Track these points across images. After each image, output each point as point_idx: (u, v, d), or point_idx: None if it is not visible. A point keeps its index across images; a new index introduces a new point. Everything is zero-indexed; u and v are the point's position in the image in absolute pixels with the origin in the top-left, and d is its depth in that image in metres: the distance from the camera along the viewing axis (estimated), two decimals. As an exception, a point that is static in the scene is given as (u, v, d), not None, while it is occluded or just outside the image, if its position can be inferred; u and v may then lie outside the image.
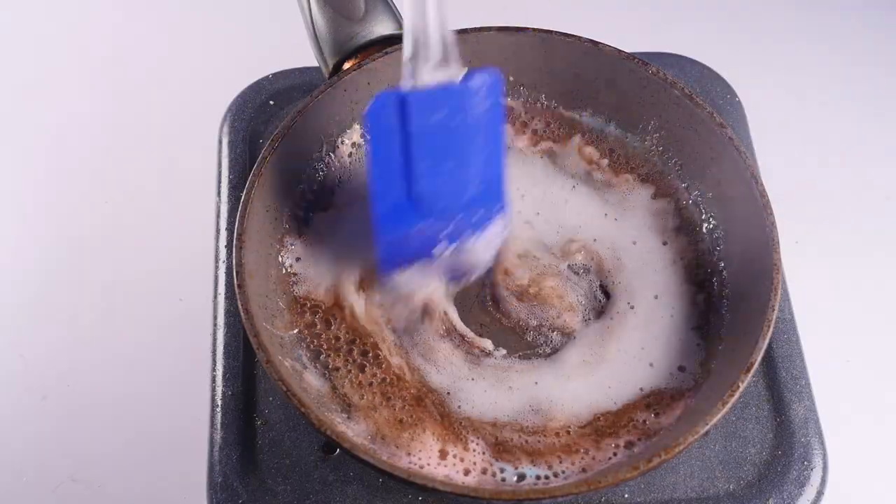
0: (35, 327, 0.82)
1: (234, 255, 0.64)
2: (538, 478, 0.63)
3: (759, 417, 0.69)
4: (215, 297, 0.74)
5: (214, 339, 0.72)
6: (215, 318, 0.73)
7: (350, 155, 0.75)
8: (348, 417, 0.65)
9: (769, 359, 0.71)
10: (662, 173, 0.75)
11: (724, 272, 0.70)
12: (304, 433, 0.68)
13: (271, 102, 0.83)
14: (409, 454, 0.63)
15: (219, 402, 0.69)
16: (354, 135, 0.75)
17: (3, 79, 0.98)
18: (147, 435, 0.77)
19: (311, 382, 0.66)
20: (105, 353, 0.81)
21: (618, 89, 0.74)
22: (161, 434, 0.76)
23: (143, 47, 1.00)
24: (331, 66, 0.73)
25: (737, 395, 0.58)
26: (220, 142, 0.81)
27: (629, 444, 0.64)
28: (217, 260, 0.76)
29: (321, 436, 0.60)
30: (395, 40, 0.73)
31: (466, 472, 0.63)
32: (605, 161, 0.76)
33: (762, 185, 0.66)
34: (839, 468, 0.68)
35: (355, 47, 0.73)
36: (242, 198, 0.66)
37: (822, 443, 0.68)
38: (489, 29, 0.73)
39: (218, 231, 0.77)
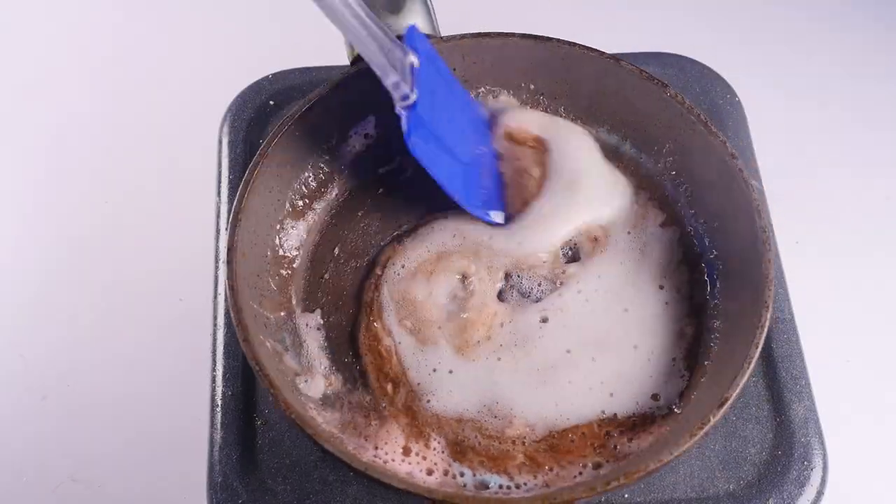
0: (35, 327, 0.82)
1: (228, 230, 0.65)
2: (501, 487, 0.63)
3: (759, 417, 0.69)
4: (215, 297, 0.74)
5: (214, 339, 0.72)
6: (215, 318, 0.73)
7: (362, 145, 0.76)
8: (322, 404, 0.65)
9: (769, 359, 0.71)
10: (673, 199, 0.74)
11: (719, 304, 0.69)
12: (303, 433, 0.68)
13: (271, 102, 0.83)
14: (376, 447, 0.64)
15: (219, 402, 0.69)
16: (369, 126, 0.76)
17: (3, 79, 0.98)
18: (147, 435, 0.77)
19: (290, 365, 0.66)
20: (105, 353, 0.81)
21: (636, 108, 0.74)
22: (161, 434, 0.76)
23: (143, 47, 1.00)
24: (355, 54, 0.74)
25: (706, 429, 0.57)
26: (220, 142, 0.81)
27: (597, 465, 0.64)
28: (217, 260, 0.76)
29: (287, 420, 0.60)
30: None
31: (430, 472, 0.63)
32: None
33: (764, 220, 0.64)
34: (839, 468, 0.68)
35: None
36: (245, 175, 0.67)
37: (821, 443, 0.68)
38: (512, 35, 0.73)
39: (218, 231, 0.77)
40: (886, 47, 1.01)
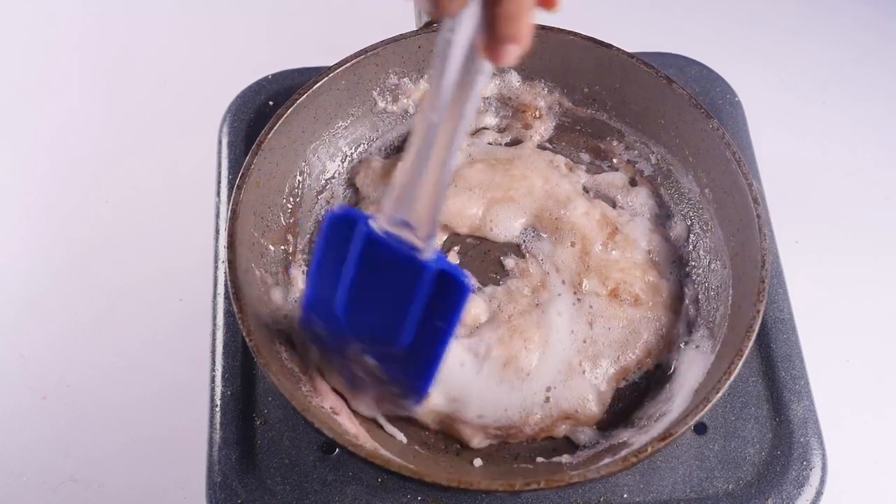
0: (35, 327, 0.82)
1: (248, 157, 0.67)
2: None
3: (759, 417, 0.69)
4: (215, 297, 0.74)
5: (214, 339, 0.72)
6: (215, 318, 0.73)
7: (409, 109, 0.78)
8: (294, 347, 0.67)
9: (768, 359, 0.71)
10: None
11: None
12: (303, 433, 0.68)
13: (271, 103, 0.83)
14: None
15: (218, 402, 0.69)
16: (418, 92, 0.77)
17: (3, 79, 0.98)
18: (147, 435, 0.77)
19: (274, 299, 0.68)
20: (105, 353, 0.81)
21: (679, 131, 0.74)
22: (161, 434, 0.77)
23: (143, 47, 1.00)
24: (423, 23, 0.75)
25: (616, 464, 0.57)
26: (220, 142, 0.81)
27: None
28: (216, 260, 0.76)
29: (251, 351, 0.61)
30: None
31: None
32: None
33: (767, 270, 0.64)
34: (838, 468, 0.68)
35: None
36: (279, 111, 0.69)
37: (821, 443, 0.68)
38: (575, 34, 0.74)
39: (217, 231, 0.77)
40: (887, 47, 1.01)
